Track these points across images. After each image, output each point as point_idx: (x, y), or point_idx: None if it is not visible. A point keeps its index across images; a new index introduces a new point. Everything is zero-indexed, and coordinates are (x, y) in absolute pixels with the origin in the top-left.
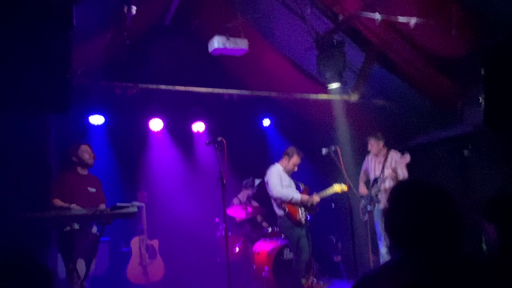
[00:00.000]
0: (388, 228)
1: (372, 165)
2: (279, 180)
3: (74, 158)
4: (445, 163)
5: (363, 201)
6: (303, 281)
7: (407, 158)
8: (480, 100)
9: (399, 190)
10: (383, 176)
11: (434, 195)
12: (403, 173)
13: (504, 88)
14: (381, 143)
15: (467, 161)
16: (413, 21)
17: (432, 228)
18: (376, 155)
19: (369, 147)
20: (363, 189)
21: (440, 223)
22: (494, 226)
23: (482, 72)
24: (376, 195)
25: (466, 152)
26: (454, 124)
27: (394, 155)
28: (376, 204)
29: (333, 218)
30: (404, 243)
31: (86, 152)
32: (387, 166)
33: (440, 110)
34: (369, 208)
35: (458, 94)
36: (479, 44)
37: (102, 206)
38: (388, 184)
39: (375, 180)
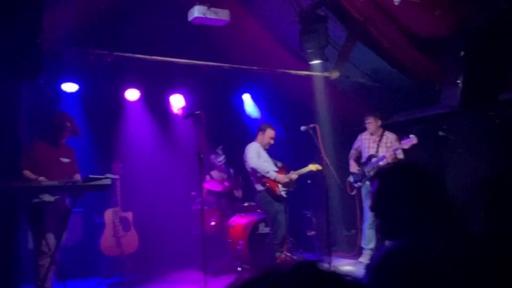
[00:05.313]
0: (380, 210)
1: (367, 144)
2: (256, 154)
3: (68, 124)
4: (421, 142)
5: (351, 177)
6: (277, 255)
7: (414, 140)
8: (458, 81)
9: (392, 172)
10: (379, 154)
11: (428, 178)
12: (399, 155)
13: (482, 72)
14: (379, 122)
15: (442, 141)
16: None
17: (432, 210)
18: (372, 133)
19: (367, 125)
20: (353, 167)
21: (438, 205)
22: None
23: (462, 54)
24: (369, 173)
25: (441, 133)
26: (432, 104)
27: (389, 135)
28: (367, 182)
29: (309, 194)
30: (407, 225)
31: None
32: (382, 145)
33: (419, 90)
34: (357, 185)
35: (438, 74)
36: (461, 26)
37: (77, 176)
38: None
39: (369, 158)
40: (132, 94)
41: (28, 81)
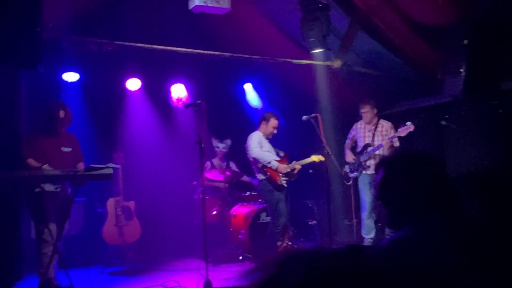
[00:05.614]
0: (388, 199)
1: (362, 133)
2: (258, 144)
3: (61, 113)
4: (422, 132)
5: (347, 167)
6: (279, 244)
7: (411, 127)
8: (461, 70)
9: (398, 160)
10: (374, 143)
11: (434, 164)
12: (395, 143)
13: (485, 60)
14: (375, 111)
15: (444, 130)
16: None
17: (437, 199)
18: (368, 122)
19: (363, 114)
20: (349, 157)
21: (444, 192)
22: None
23: (465, 42)
24: (365, 162)
25: (443, 122)
26: (434, 93)
27: (384, 124)
28: (363, 171)
29: (310, 183)
30: (414, 213)
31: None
32: (377, 134)
33: (421, 79)
34: (353, 174)
35: (440, 63)
36: (464, 14)
37: (80, 165)
38: (383, 152)
39: (365, 147)
40: (133, 84)
41: (28, 70)
